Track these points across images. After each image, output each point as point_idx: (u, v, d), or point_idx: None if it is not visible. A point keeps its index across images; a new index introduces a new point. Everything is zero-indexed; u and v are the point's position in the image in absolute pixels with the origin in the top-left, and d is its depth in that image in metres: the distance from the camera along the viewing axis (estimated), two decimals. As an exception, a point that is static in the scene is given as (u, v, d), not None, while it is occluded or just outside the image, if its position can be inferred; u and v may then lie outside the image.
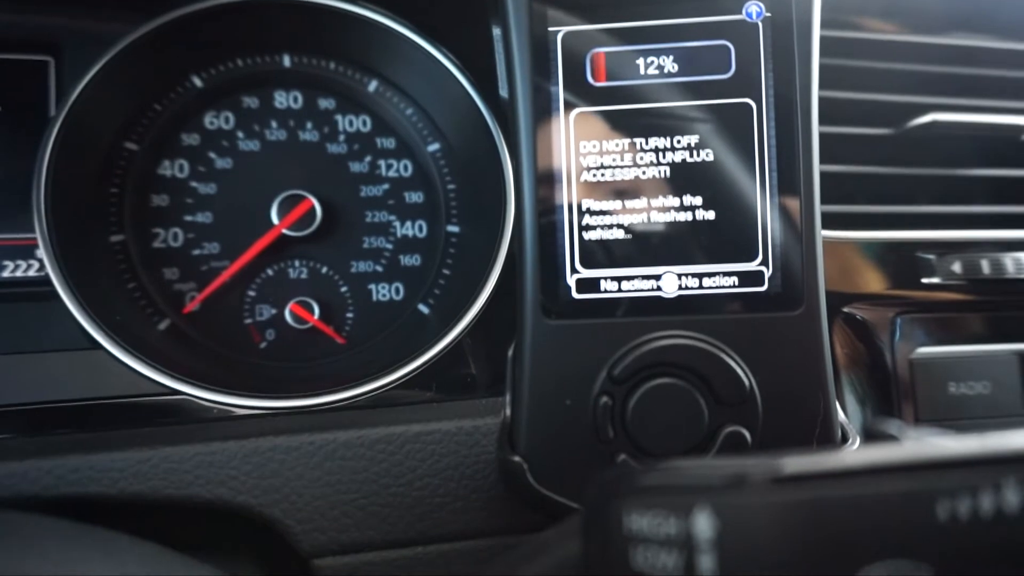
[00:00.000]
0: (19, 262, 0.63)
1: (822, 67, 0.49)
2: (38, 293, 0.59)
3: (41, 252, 0.57)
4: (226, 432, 0.49)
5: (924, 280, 0.62)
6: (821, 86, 0.50)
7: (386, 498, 0.49)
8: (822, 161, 0.49)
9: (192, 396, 0.54)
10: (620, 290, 0.48)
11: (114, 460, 0.46)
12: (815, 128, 0.47)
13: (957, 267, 0.62)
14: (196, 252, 0.66)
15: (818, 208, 0.47)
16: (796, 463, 0.26)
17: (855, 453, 0.26)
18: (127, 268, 0.64)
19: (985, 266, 0.62)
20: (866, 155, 0.67)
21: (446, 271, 0.69)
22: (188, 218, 0.66)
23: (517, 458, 0.47)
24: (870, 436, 0.48)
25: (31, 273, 0.62)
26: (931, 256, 0.63)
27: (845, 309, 0.61)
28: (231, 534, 0.49)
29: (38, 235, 0.57)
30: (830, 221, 0.62)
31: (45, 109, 0.65)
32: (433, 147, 0.70)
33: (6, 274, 0.62)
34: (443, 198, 0.70)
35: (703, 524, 0.26)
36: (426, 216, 0.70)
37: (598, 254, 0.48)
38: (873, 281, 0.63)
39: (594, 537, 0.31)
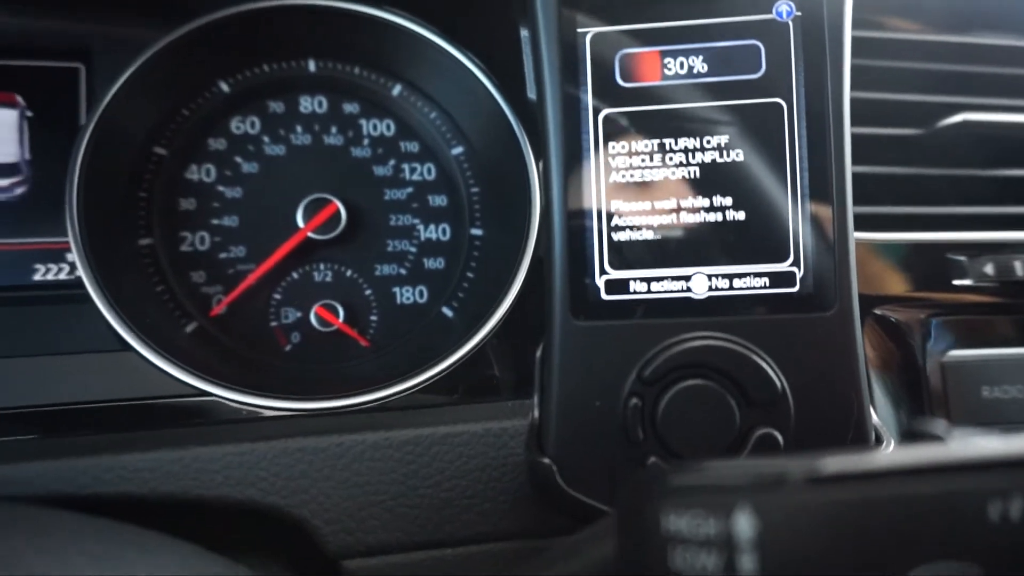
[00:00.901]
0: (50, 265, 0.63)
1: (851, 67, 0.49)
2: (69, 296, 0.60)
3: (73, 255, 0.58)
4: (255, 433, 0.49)
5: (955, 282, 0.62)
6: (851, 87, 0.49)
7: (414, 500, 0.49)
8: (852, 162, 0.49)
9: (221, 397, 0.54)
10: (649, 291, 0.47)
11: (146, 460, 0.46)
12: (847, 128, 0.47)
13: (989, 269, 0.61)
14: (223, 255, 0.67)
15: (850, 208, 0.47)
16: (838, 462, 0.26)
17: (898, 452, 0.26)
18: (155, 271, 0.65)
19: (1019, 268, 0.61)
20: (895, 156, 0.66)
21: (470, 274, 0.69)
22: (215, 222, 0.67)
23: (546, 460, 0.46)
24: (909, 437, 0.47)
25: (62, 276, 0.63)
26: (962, 258, 0.62)
27: (875, 311, 0.61)
28: (259, 534, 0.49)
29: (70, 239, 0.58)
30: (858, 222, 0.61)
31: (76, 115, 0.66)
32: (457, 150, 0.70)
33: (38, 277, 0.63)
34: (467, 201, 0.70)
35: (744, 524, 0.26)
36: (450, 219, 0.70)
37: (627, 255, 0.48)
38: (903, 283, 0.62)
39: (630, 537, 0.31)
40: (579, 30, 0.48)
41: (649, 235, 0.48)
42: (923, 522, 0.24)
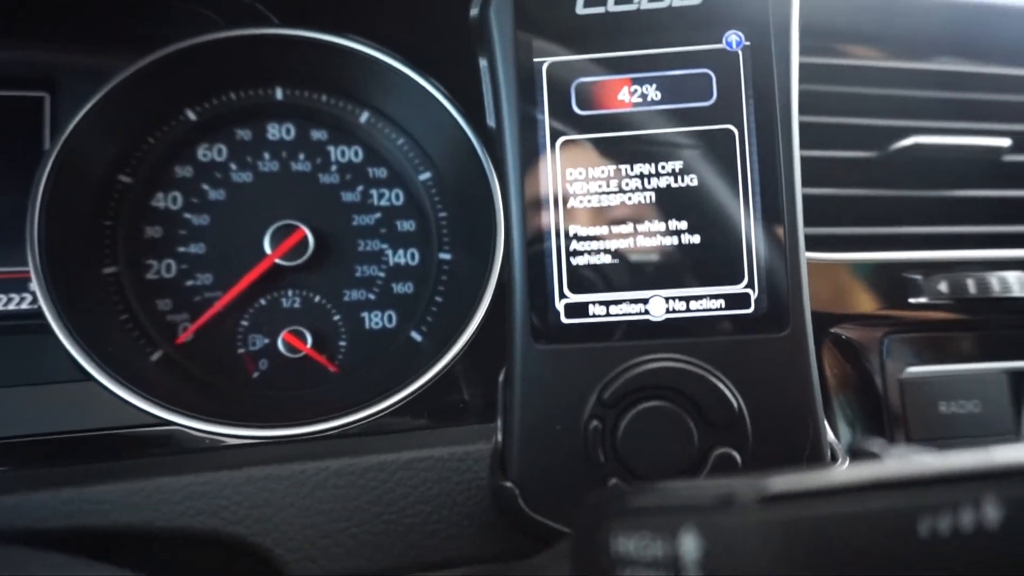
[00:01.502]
0: (12, 295, 0.63)
1: (807, 93, 0.51)
2: (31, 326, 0.59)
3: (34, 285, 0.58)
4: (217, 462, 0.49)
5: (911, 300, 0.63)
6: (806, 111, 0.51)
7: (378, 526, 0.48)
8: (808, 184, 0.50)
9: (184, 426, 0.54)
10: (608, 314, 0.48)
11: (106, 492, 0.46)
12: (796, 152, 0.48)
13: (943, 287, 0.63)
14: (189, 283, 0.66)
15: (801, 230, 0.48)
16: (781, 482, 0.27)
17: (839, 471, 0.27)
18: (120, 300, 0.65)
19: (971, 285, 0.63)
20: (852, 178, 0.68)
21: (438, 298, 0.69)
22: (181, 249, 0.67)
23: (509, 483, 0.46)
24: (855, 455, 0.49)
25: (24, 306, 0.63)
26: (917, 276, 0.64)
27: (833, 330, 0.62)
28: (222, 565, 0.49)
29: (31, 268, 0.58)
30: (817, 243, 0.63)
31: (39, 143, 0.66)
32: (424, 176, 0.71)
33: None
34: (435, 226, 0.70)
35: (689, 545, 0.26)
36: (418, 244, 0.71)
37: (586, 279, 0.48)
38: (861, 302, 0.63)
39: (582, 560, 0.31)
40: (536, 60, 0.49)
41: (607, 259, 0.49)
42: (858, 539, 0.25)
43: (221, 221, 0.68)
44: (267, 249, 0.66)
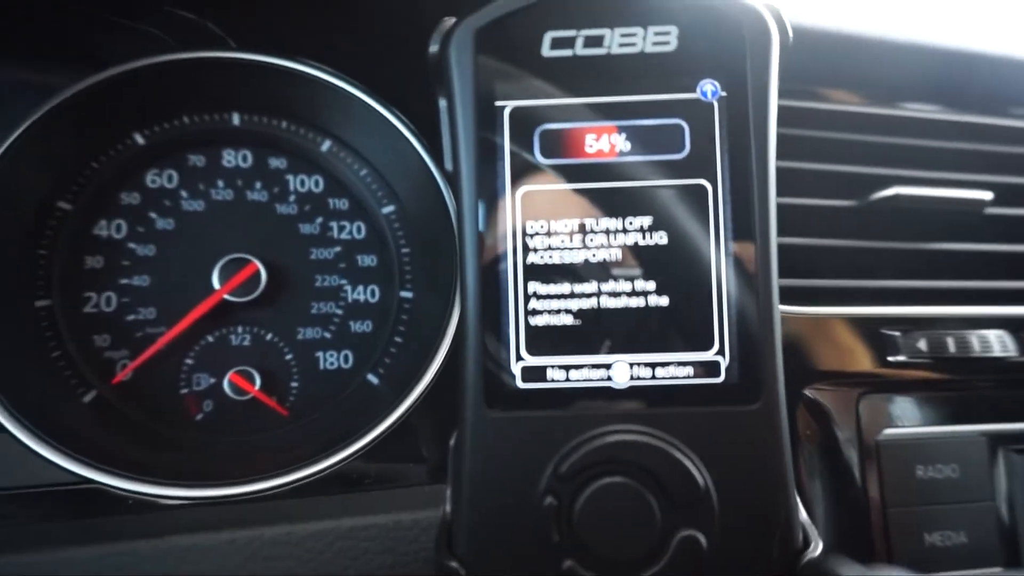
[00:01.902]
0: (-68, 330, 0.58)
1: (785, 138, 0.48)
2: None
3: (-48, 321, 0.53)
4: (137, 529, 0.45)
5: (890, 358, 0.61)
6: (784, 157, 0.48)
7: (312, 603, 0.45)
8: (784, 233, 0.47)
9: (107, 486, 0.50)
10: (568, 379, 0.45)
11: (5, 564, 0.41)
12: (773, 211, 0.45)
13: (923, 345, 0.60)
14: (131, 317, 0.62)
15: (776, 295, 0.45)
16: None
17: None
18: (53, 335, 0.60)
19: (951, 344, 0.60)
20: (830, 228, 0.66)
21: (398, 339, 0.66)
22: (124, 281, 0.63)
23: (454, 563, 0.43)
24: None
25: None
26: (896, 333, 0.61)
27: (807, 390, 0.59)
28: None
29: (-50, 303, 0.54)
30: (793, 295, 0.60)
31: (-28, 166, 0.61)
32: (387, 209, 0.67)
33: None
34: (397, 262, 0.67)
35: None
36: (379, 281, 0.67)
37: (545, 341, 0.45)
38: (837, 358, 0.61)
39: None
40: (498, 103, 0.46)
41: (568, 320, 0.45)
42: None
43: (168, 252, 0.64)
44: (215, 284, 0.62)
